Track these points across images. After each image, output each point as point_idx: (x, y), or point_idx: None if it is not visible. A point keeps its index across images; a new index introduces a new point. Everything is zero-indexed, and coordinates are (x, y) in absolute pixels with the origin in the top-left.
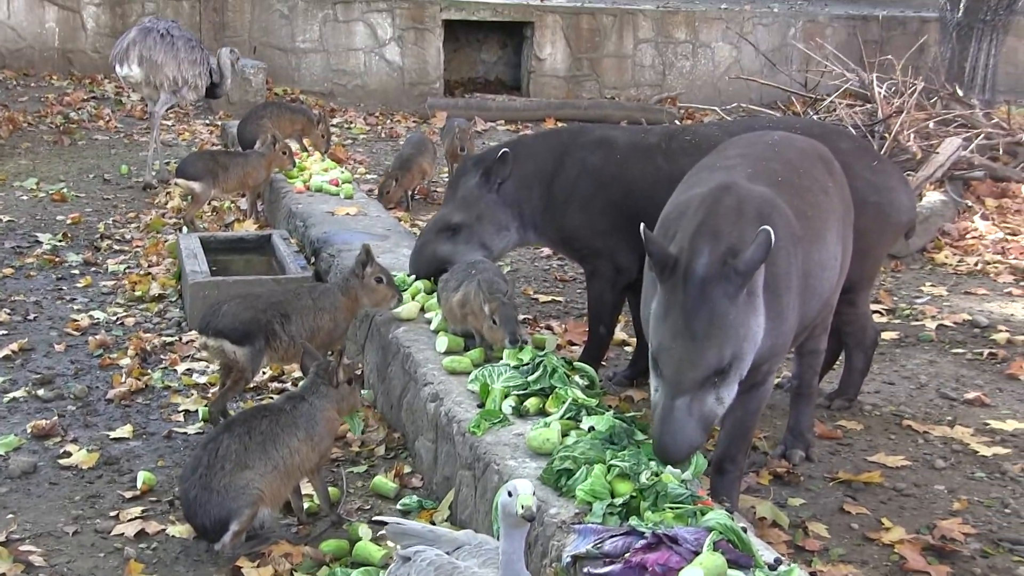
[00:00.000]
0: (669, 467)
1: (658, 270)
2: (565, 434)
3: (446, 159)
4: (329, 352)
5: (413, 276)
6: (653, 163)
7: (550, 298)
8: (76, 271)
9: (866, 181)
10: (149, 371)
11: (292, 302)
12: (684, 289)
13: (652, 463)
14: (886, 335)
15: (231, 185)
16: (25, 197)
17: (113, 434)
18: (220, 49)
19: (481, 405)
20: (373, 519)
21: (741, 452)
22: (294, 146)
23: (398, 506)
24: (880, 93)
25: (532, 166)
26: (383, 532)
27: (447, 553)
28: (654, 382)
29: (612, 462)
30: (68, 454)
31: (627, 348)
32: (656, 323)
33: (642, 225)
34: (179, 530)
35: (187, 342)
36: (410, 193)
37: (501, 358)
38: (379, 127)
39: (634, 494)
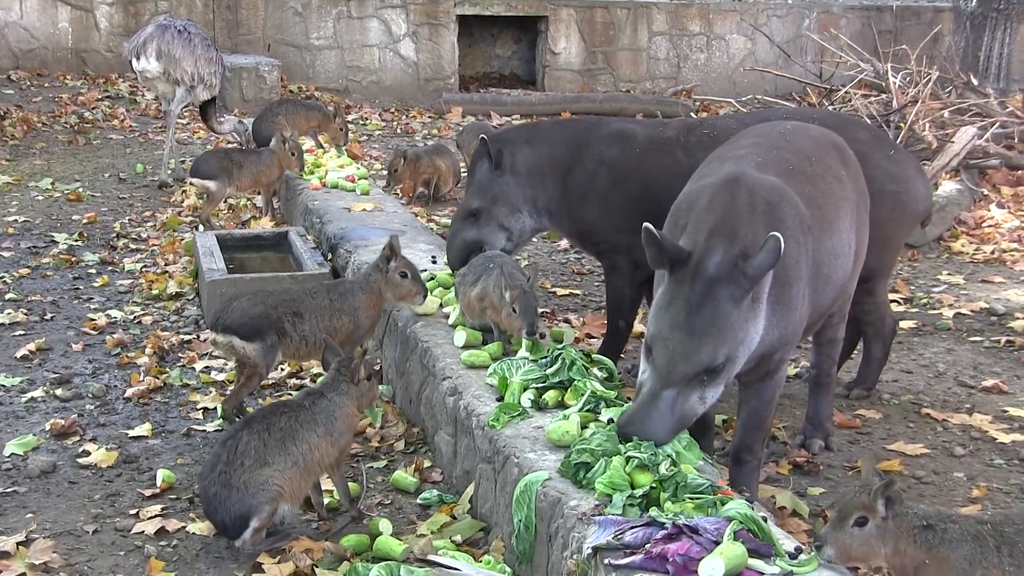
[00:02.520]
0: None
1: (670, 265)
2: (584, 426)
3: (467, 160)
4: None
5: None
6: (672, 157)
7: (568, 291)
8: (93, 270)
9: (883, 170)
10: (167, 369)
11: (306, 300)
12: (691, 284)
13: (671, 454)
14: (904, 324)
15: (246, 183)
16: (40, 197)
17: (132, 432)
18: (229, 115)
19: (500, 399)
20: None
21: (758, 442)
22: (310, 143)
23: (418, 500)
24: (895, 83)
25: (547, 153)
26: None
27: None
28: (643, 366)
29: (630, 454)
30: (87, 453)
31: None
32: (657, 311)
33: (646, 225)
34: (199, 527)
35: (205, 340)
36: (428, 191)
37: (519, 351)
38: (394, 123)
39: (654, 485)
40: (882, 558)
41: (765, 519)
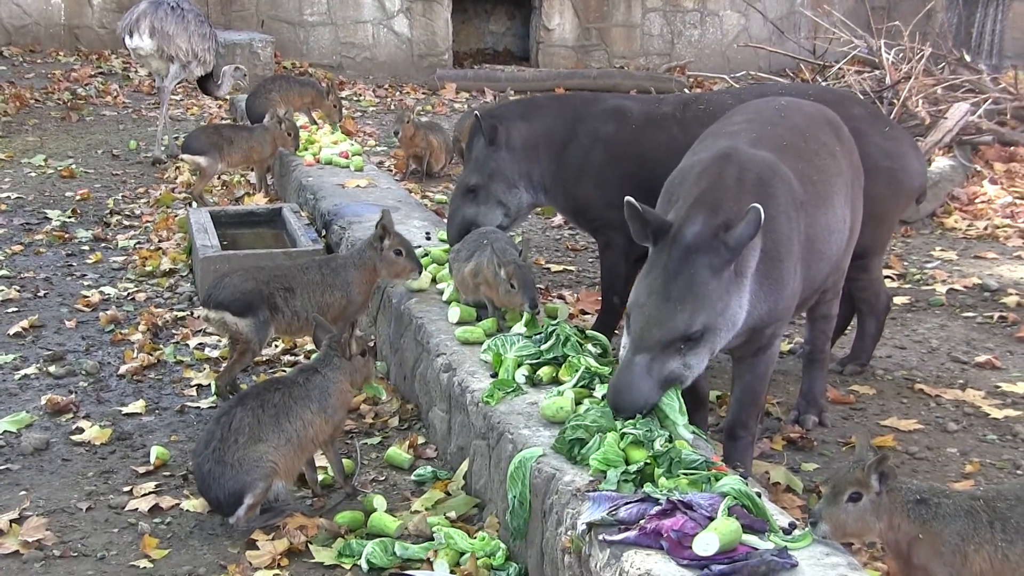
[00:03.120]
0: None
1: (653, 237)
2: (579, 402)
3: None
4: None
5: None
6: (668, 133)
7: (562, 267)
8: (86, 247)
9: (879, 147)
10: (161, 346)
11: (298, 276)
12: (669, 252)
13: (665, 430)
14: (897, 300)
15: (236, 159)
16: (33, 174)
17: (126, 409)
18: (226, 67)
19: (494, 375)
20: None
21: (752, 418)
22: (303, 120)
23: (412, 477)
24: (888, 59)
25: (542, 127)
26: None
27: None
28: (625, 339)
29: (624, 430)
30: (81, 430)
31: None
32: (637, 281)
33: (628, 199)
34: (193, 504)
35: (198, 317)
36: (421, 168)
37: (513, 327)
38: (388, 99)
39: (648, 461)
40: (876, 533)
41: (759, 495)
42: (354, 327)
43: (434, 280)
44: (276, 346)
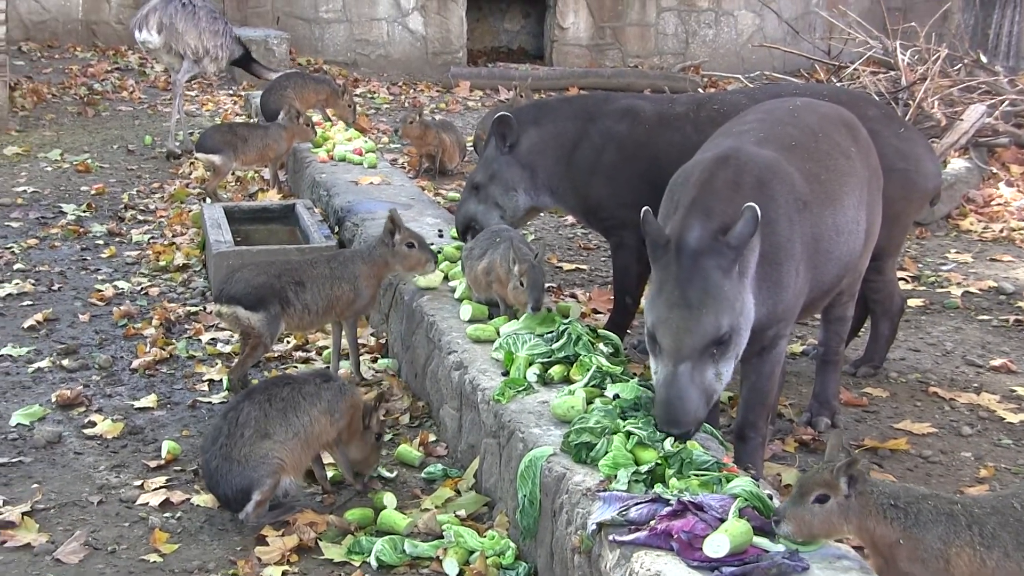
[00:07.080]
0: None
1: (651, 250)
2: (590, 401)
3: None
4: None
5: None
6: (681, 133)
7: (574, 266)
8: (100, 241)
9: (893, 148)
10: (173, 341)
11: (308, 270)
12: (677, 262)
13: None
14: (911, 302)
15: (251, 158)
16: (49, 168)
17: (137, 404)
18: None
19: (505, 373)
20: None
21: (761, 419)
22: (317, 117)
23: (423, 474)
24: (904, 60)
25: (552, 130)
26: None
27: None
28: (653, 362)
29: (630, 429)
30: (93, 424)
31: None
32: (651, 301)
33: (645, 209)
34: (204, 499)
35: (211, 312)
36: (434, 166)
37: (515, 325)
38: (402, 96)
39: (659, 461)
40: (845, 534)
41: (771, 496)
42: (380, 403)
43: (446, 277)
44: (288, 342)
